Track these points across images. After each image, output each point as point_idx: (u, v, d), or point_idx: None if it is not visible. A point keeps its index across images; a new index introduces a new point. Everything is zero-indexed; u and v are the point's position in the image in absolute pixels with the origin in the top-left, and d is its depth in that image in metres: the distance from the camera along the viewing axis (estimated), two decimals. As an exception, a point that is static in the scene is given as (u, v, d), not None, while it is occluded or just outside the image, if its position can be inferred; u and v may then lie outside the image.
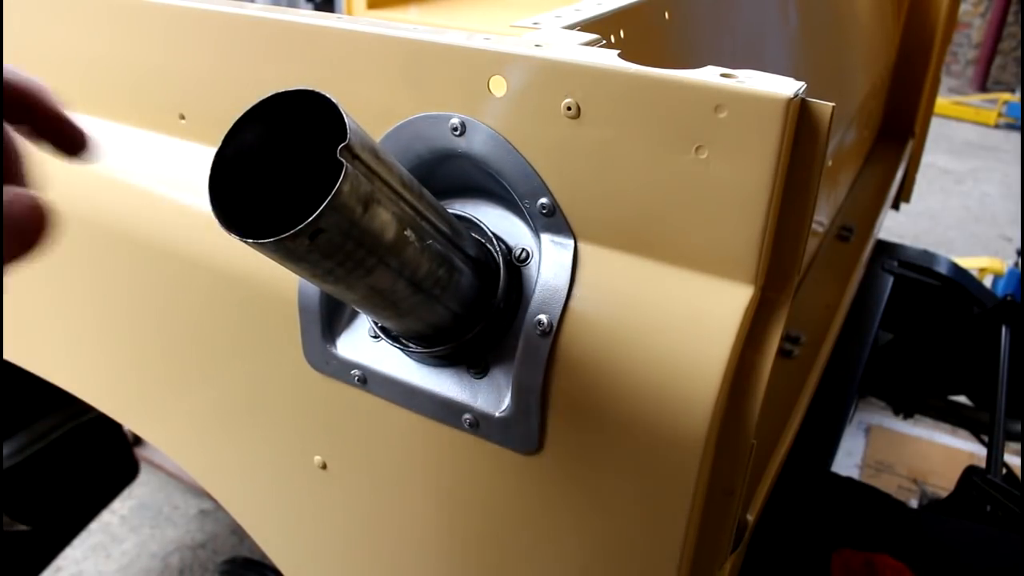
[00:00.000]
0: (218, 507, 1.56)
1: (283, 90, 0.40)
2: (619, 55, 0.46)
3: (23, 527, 1.54)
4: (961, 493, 1.22)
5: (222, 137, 0.40)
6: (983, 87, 6.72)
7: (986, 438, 1.47)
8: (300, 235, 0.36)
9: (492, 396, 0.51)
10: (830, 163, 1.20)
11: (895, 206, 1.93)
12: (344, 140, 0.36)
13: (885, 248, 1.76)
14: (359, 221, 0.38)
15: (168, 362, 0.71)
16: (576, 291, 0.49)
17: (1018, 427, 1.70)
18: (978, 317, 1.67)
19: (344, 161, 0.36)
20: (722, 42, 0.84)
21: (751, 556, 0.76)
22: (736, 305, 0.45)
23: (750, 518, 0.60)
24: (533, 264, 0.51)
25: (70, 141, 0.38)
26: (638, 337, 0.47)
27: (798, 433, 0.89)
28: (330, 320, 0.57)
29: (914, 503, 2.08)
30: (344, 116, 0.37)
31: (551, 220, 0.50)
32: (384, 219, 0.40)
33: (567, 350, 0.49)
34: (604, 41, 0.53)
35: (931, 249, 1.83)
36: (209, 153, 0.40)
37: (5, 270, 0.33)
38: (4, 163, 0.35)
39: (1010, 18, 6.64)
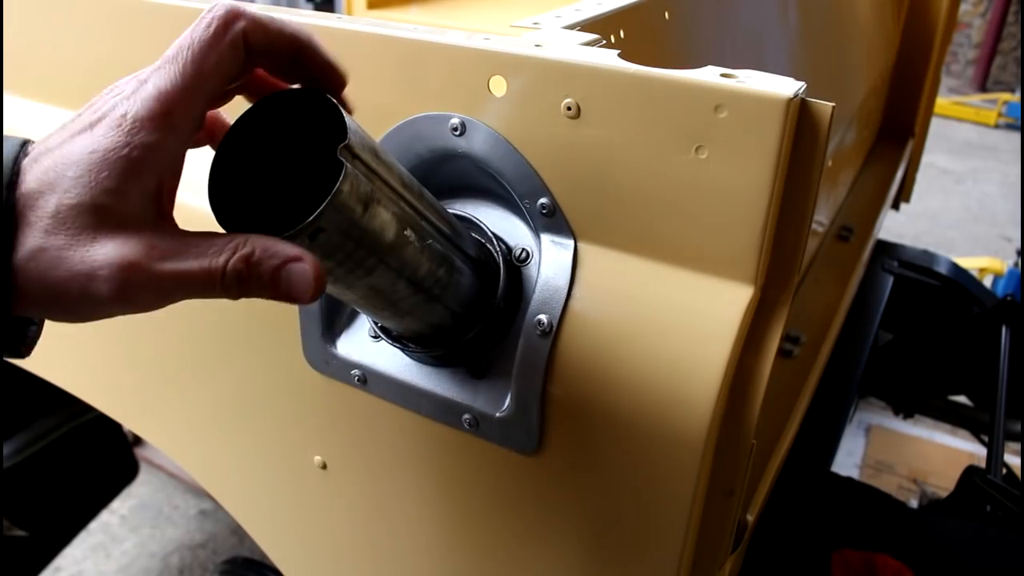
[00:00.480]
0: (218, 507, 1.56)
1: (283, 89, 0.40)
2: (619, 55, 0.46)
3: (21, 532, 1.54)
4: (961, 493, 1.22)
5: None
6: (983, 87, 6.72)
7: (986, 438, 1.47)
8: (300, 235, 0.36)
9: (492, 396, 0.51)
10: (830, 163, 1.20)
11: (895, 206, 1.93)
12: (344, 140, 0.36)
13: (885, 248, 1.75)
14: (359, 221, 0.38)
15: (168, 362, 0.71)
16: (576, 291, 0.49)
17: (1018, 427, 1.70)
18: (978, 317, 1.67)
19: (344, 161, 0.36)
20: (722, 42, 0.84)
21: (751, 556, 0.76)
22: (736, 305, 0.45)
23: (750, 518, 0.60)
24: (533, 264, 0.51)
25: (334, 84, 0.41)
26: (638, 337, 0.47)
27: (798, 433, 0.89)
28: (330, 320, 0.57)
29: (914, 503, 2.08)
30: (344, 116, 0.37)
31: (551, 220, 0.50)
32: (384, 219, 0.40)
33: (567, 350, 0.49)
34: (604, 41, 0.53)
35: (931, 249, 1.83)
36: (208, 152, 0.40)
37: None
38: None
39: (1010, 18, 6.64)
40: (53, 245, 0.34)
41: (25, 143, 0.37)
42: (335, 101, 0.38)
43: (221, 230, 0.38)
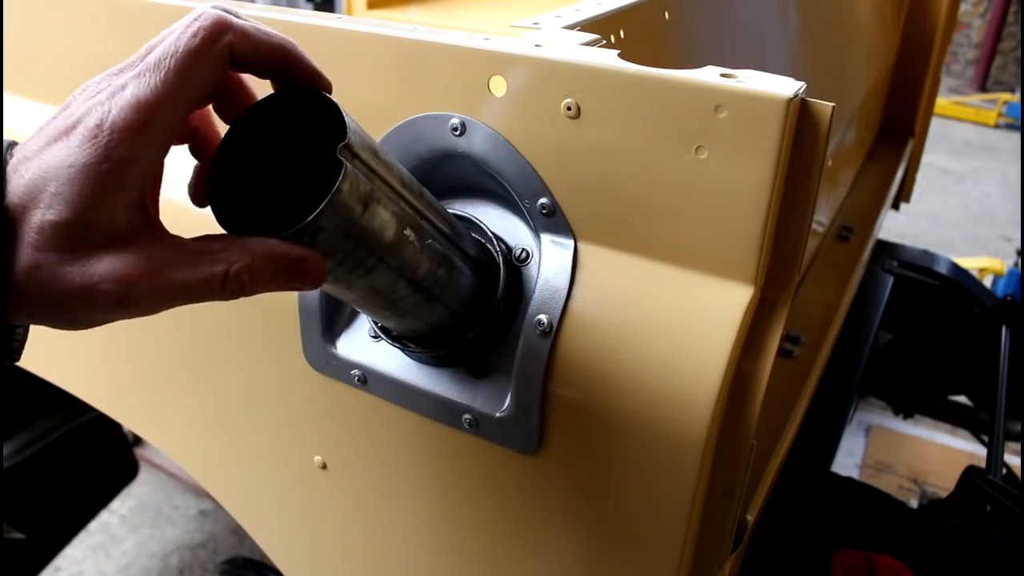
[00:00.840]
0: (218, 507, 1.56)
1: (282, 88, 0.40)
2: (619, 55, 0.46)
3: (19, 535, 1.54)
4: (961, 493, 1.22)
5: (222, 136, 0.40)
6: (983, 87, 6.72)
7: (986, 438, 1.47)
8: (300, 234, 0.36)
9: (492, 396, 0.51)
10: (830, 163, 1.20)
11: (895, 206, 1.93)
12: (344, 139, 0.36)
13: (885, 248, 1.75)
14: (359, 220, 0.38)
15: (168, 362, 0.71)
16: (576, 291, 0.49)
17: (1018, 427, 1.70)
18: (978, 317, 1.67)
19: (344, 160, 0.36)
20: (722, 42, 0.84)
21: (751, 556, 0.76)
22: (736, 305, 0.45)
23: (750, 518, 0.60)
24: (533, 264, 0.51)
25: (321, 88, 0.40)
26: (638, 337, 0.47)
27: (798, 433, 0.89)
28: (330, 320, 0.57)
29: (914, 503, 2.08)
30: (344, 116, 0.37)
31: (551, 220, 0.50)
32: (384, 218, 0.40)
33: (567, 350, 0.49)
34: (604, 41, 0.53)
35: (931, 249, 1.83)
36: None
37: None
38: None
39: (1010, 18, 6.64)
40: (47, 262, 0.33)
41: (10, 146, 0.36)
42: (335, 101, 0.38)
43: (219, 229, 0.38)
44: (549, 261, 0.50)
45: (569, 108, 0.46)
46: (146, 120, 0.34)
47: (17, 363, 0.39)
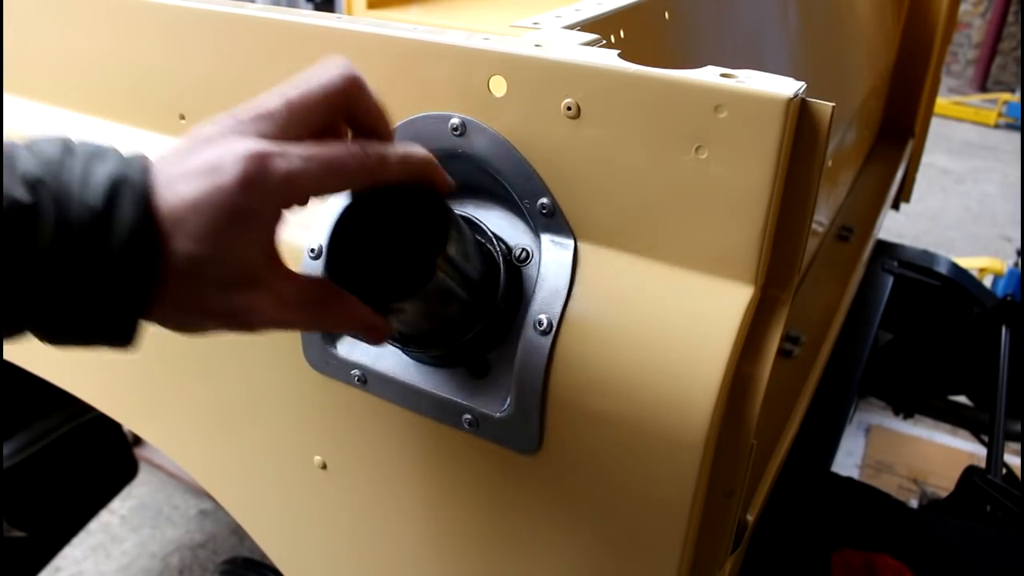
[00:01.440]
0: (218, 507, 1.55)
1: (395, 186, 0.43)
2: (619, 55, 0.46)
3: (20, 533, 1.54)
4: (961, 493, 1.21)
5: None
6: (983, 87, 6.72)
7: (986, 438, 1.47)
8: (385, 309, 0.43)
9: (492, 396, 0.51)
10: (830, 163, 1.20)
11: (895, 206, 1.93)
12: (442, 246, 0.42)
13: (885, 248, 1.75)
14: (433, 308, 0.45)
15: (168, 362, 0.71)
16: (576, 291, 0.49)
17: (1018, 427, 1.70)
18: (978, 317, 1.67)
19: (437, 268, 0.41)
20: (722, 42, 0.84)
21: (751, 556, 0.76)
22: (736, 305, 0.45)
23: (750, 518, 0.60)
24: (533, 264, 0.51)
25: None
26: (638, 337, 0.47)
27: (798, 433, 0.89)
28: (330, 320, 0.57)
29: (914, 503, 2.08)
30: (449, 227, 0.42)
31: (551, 220, 0.50)
32: (450, 305, 0.46)
33: (567, 350, 0.49)
34: (604, 41, 0.53)
35: (931, 249, 1.83)
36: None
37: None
38: None
39: (1010, 18, 6.64)
40: (185, 286, 0.38)
41: (140, 159, 0.38)
42: (449, 209, 0.43)
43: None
44: (549, 261, 0.50)
45: (569, 108, 0.46)
46: (293, 197, 0.39)
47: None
